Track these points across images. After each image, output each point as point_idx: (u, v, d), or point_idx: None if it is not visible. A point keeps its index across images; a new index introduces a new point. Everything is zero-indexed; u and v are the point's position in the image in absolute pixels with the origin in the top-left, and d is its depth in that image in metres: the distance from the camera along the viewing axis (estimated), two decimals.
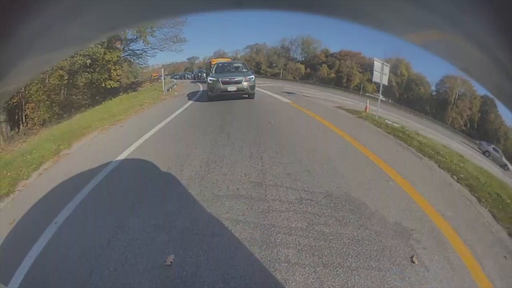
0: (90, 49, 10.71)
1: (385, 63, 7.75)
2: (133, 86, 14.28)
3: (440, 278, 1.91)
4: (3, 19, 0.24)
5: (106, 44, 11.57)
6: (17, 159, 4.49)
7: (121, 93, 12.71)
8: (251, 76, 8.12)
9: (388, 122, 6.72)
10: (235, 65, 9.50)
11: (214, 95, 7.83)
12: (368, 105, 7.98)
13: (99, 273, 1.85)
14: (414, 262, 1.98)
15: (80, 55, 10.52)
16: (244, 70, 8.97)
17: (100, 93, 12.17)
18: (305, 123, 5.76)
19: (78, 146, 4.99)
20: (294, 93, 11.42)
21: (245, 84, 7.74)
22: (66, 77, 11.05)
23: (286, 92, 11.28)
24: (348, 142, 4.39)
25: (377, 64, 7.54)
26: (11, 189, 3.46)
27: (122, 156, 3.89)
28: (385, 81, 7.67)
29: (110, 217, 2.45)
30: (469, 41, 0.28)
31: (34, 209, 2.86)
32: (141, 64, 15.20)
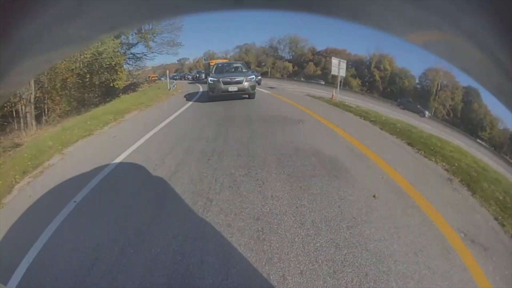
0: (113, 52, 12.09)
1: (342, 60, 10.21)
2: (131, 87, 14.83)
3: (312, 127, 5.10)
4: (3, 19, 0.24)
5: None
6: (73, 127, 6.30)
7: (121, 94, 13.12)
8: (252, 76, 8.10)
9: (348, 104, 8.37)
10: (235, 65, 9.43)
11: (214, 95, 7.83)
12: (334, 93, 9.72)
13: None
14: (299, 123, 5.28)
15: (106, 57, 11.90)
16: (244, 70, 8.91)
17: (104, 93, 13.08)
18: (274, 101, 8.79)
19: (129, 117, 7.03)
20: (276, 87, 13.91)
21: (246, 84, 7.79)
22: (88, 76, 12.05)
23: (269, 87, 13.66)
24: (296, 107, 7.38)
25: (334, 62, 10.25)
26: (89, 133, 5.60)
27: (172, 117, 6.34)
28: (342, 74, 10.29)
29: (184, 128, 5.39)
30: (469, 41, 0.28)
31: (113, 140, 5.15)
32: (141, 66, 15.98)
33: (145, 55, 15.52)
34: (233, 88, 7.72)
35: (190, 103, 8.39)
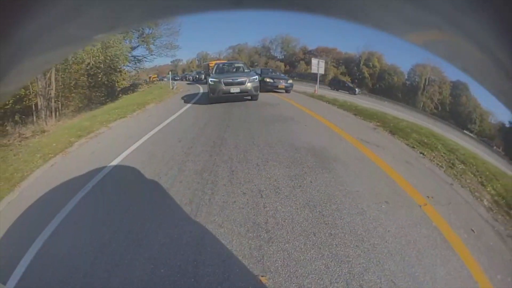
0: (124, 55, 13.29)
1: (320, 60, 12.26)
2: (131, 88, 15.48)
3: (285, 107, 7.02)
4: (3, 19, 0.24)
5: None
6: (101, 114, 7.43)
7: (120, 94, 13.67)
8: (255, 77, 7.67)
9: (325, 96, 9.91)
10: (236, 65, 9.05)
11: (215, 97, 7.47)
12: (316, 88, 11.08)
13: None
14: (277, 105, 7.21)
15: (121, 59, 13.20)
16: (246, 70, 8.56)
17: (110, 93, 13.98)
18: (264, 94, 9.56)
19: (150, 107, 8.26)
20: None
21: (249, 85, 7.38)
22: (100, 75, 13.03)
23: None
24: (279, 98, 8.81)
25: (314, 62, 12.23)
26: (123, 116, 6.87)
27: (186, 107, 7.64)
28: (321, 71, 12.03)
29: (199, 111, 6.94)
30: (469, 41, 0.28)
31: (149, 118, 6.75)
32: (141, 68, 16.93)
33: (145, 57, 16.63)
34: (235, 89, 7.33)
35: (197, 98, 9.69)
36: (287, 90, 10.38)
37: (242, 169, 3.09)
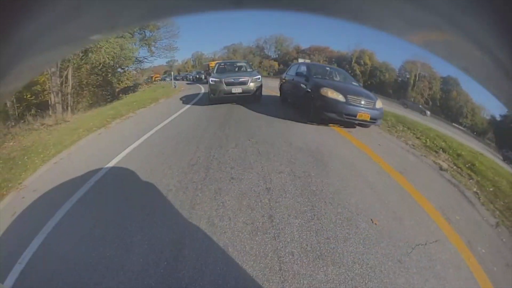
0: (133, 57, 14.37)
1: (306, 60, 12.16)
2: (132, 88, 15.85)
3: (273, 99, 8.62)
4: (3, 19, 0.24)
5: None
6: (120, 106, 8.66)
7: (121, 94, 13.95)
8: (258, 76, 7.30)
9: None
10: (238, 64, 8.76)
11: (216, 98, 7.19)
12: None
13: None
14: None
15: (131, 61, 14.33)
16: (248, 69, 8.28)
17: (114, 92, 14.75)
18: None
19: (162, 101, 9.61)
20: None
21: (251, 85, 7.07)
22: (110, 75, 13.94)
23: None
24: (270, 92, 9.76)
25: (300, 61, 12.10)
26: (143, 106, 8.24)
27: (195, 100, 9.03)
28: None
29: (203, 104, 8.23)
30: (469, 41, 0.28)
31: (161, 109, 7.78)
32: (141, 69, 17.52)
33: (146, 58, 17.62)
34: (237, 89, 7.03)
35: (202, 93, 10.98)
36: (367, 123, 4.97)
37: (242, 123, 5.41)
